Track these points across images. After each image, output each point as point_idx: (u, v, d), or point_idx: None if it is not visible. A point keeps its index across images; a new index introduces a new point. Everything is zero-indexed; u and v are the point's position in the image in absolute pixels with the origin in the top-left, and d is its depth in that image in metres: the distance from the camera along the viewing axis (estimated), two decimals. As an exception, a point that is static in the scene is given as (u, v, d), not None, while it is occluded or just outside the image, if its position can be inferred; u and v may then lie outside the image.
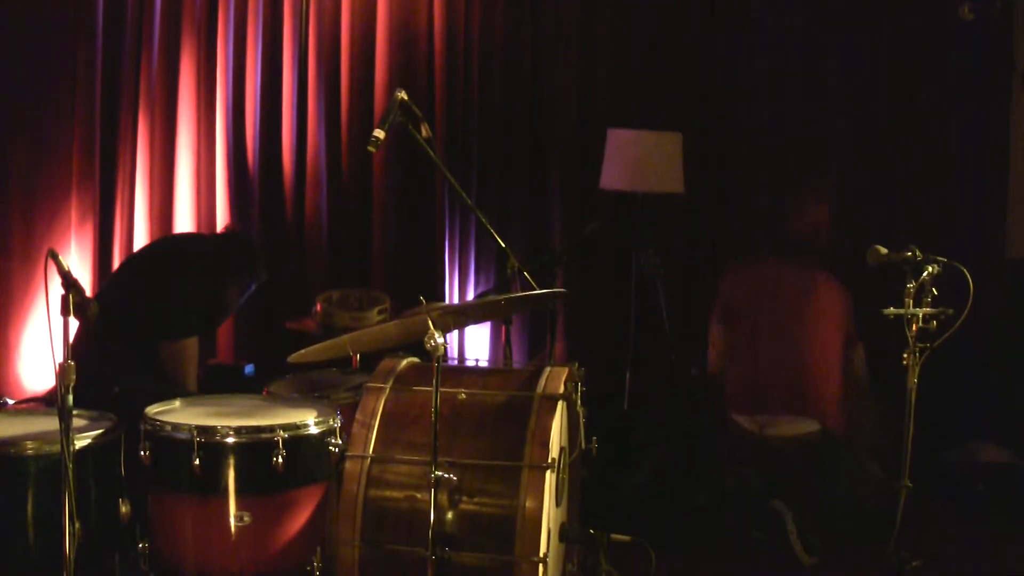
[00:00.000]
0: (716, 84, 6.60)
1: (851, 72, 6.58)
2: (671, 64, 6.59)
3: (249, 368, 6.08)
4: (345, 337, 3.78)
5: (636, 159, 5.94)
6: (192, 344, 4.57)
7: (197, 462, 3.60)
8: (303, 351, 3.73)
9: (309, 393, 4.49)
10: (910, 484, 3.96)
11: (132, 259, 5.44)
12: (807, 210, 5.95)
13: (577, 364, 3.90)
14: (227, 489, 3.66)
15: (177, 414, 3.88)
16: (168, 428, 3.70)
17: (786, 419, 5.43)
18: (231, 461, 3.66)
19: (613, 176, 6.00)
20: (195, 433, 3.63)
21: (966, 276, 3.92)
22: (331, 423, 3.84)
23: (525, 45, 6.63)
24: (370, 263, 6.62)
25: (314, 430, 3.79)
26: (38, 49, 6.09)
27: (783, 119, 6.66)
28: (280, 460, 3.65)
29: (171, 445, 3.68)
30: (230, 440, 3.67)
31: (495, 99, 6.60)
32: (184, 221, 6.42)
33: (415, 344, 3.55)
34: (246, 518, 3.66)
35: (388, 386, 3.78)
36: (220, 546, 3.67)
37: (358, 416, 3.70)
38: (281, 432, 3.68)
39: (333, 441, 3.80)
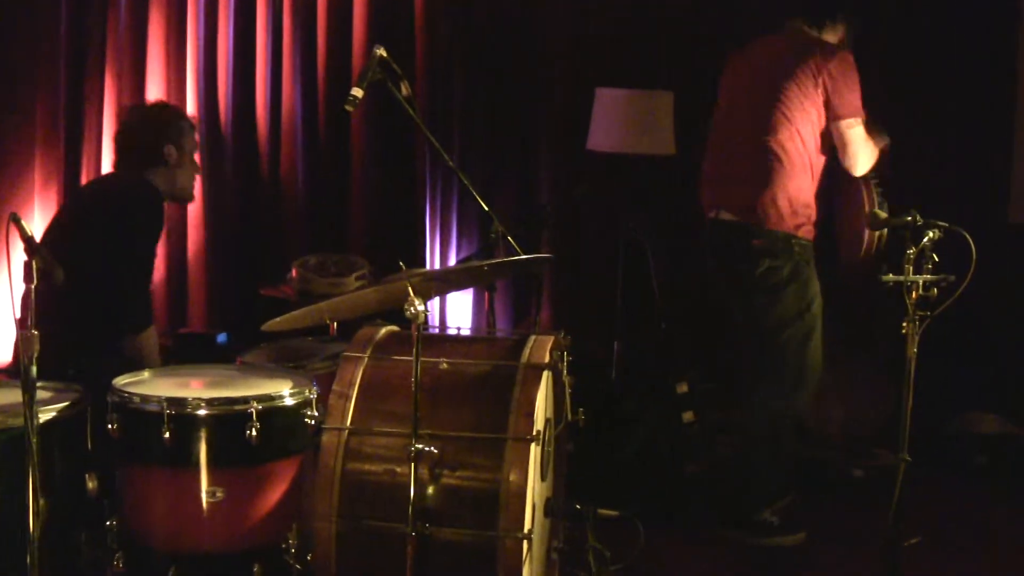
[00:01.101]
0: (709, 40, 6.56)
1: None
2: (663, 19, 6.55)
3: (222, 337, 6.07)
4: (322, 304, 3.75)
5: (625, 119, 5.91)
6: (149, 334, 4.49)
7: (168, 435, 3.58)
8: (278, 319, 3.70)
9: (284, 363, 4.47)
10: (908, 458, 3.96)
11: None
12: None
13: (563, 332, 3.88)
14: (199, 463, 3.64)
15: (146, 385, 3.85)
16: (137, 400, 3.67)
17: None
18: (203, 434, 3.64)
19: (601, 137, 5.97)
20: (165, 405, 3.60)
21: (968, 241, 3.90)
22: (307, 394, 3.82)
23: (519, 10, 6.59)
24: (348, 227, 6.61)
25: (289, 401, 3.76)
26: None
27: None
28: (254, 433, 3.62)
29: (140, 418, 3.65)
30: (202, 412, 3.64)
31: (480, 57, 6.56)
32: (154, 184, 6.36)
33: (395, 311, 3.52)
34: (219, 493, 3.64)
35: (367, 355, 3.75)
36: (192, 522, 3.65)
37: (335, 387, 3.67)
38: (255, 404, 3.65)
39: (309, 413, 3.77)
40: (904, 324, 3.97)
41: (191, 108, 6.43)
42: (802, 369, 4.76)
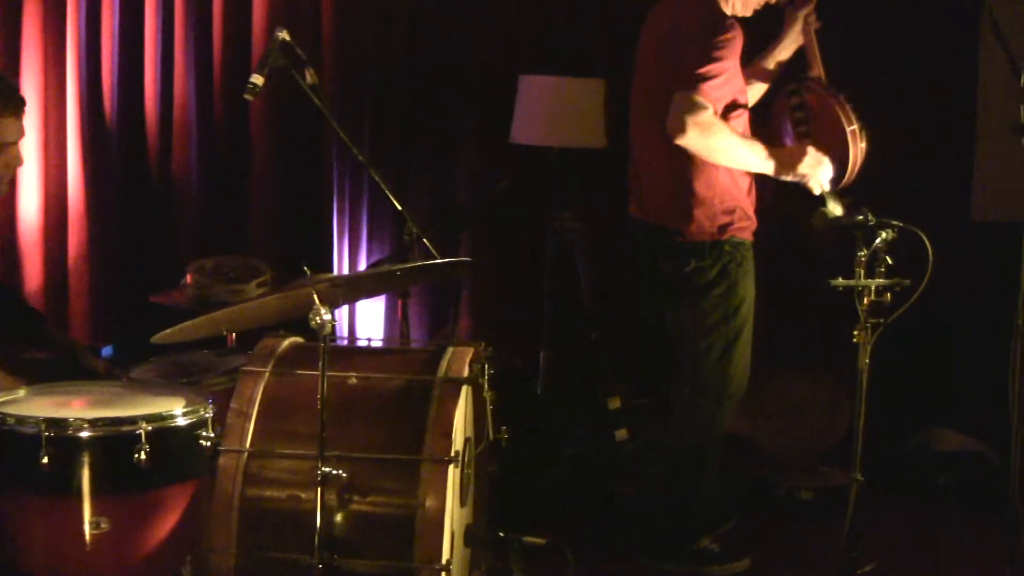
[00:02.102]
0: (644, 21, 6.59)
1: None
2: (593, 2, 6.58)
3: (107, 350, 6.01)
4: (219, 313, 3.74)
5: (552, 109, 5.93)
6: None
7: (46, 460, 3.53)
8: (170, 330, 3.67)
9: (177, 378, 4.44)
10: (861, 478, 4.01)
11: None
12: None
13: (484, 343, 3.89)
14: (81, 490, 3.60)
15: (22, 404, 3.80)
16: (11, 421, 3.62)
17: None
18: (86, 458, 3.60)
19: (526, 128, 5.99)
20: (43, 427, 3.56)
21: (924, 241, 3.97)
22: (202, 413, 3.79)
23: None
24: (248, 228, 6.58)
25: (182, 421, 3.74)
26: None
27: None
28: (143, 456, 3.59)
29: (15, 440, 3.60)
30: (84, 434, 3.60)
31: (393, 41, 6.55)
32: (30, 183, 6.32)
33: (299, 321, 3.52)
34: (103, 524, 3.60)
35: (268, 370, 3.74)
36: (74, 555, 3.61)
37: (233, 404, 3.66)
38: (144, 424, 3.62)
39: (204, 433, 3.75)
40: (856, 332, 4.03)
41: (71, 100, 6.38)
42: (725, 379, 4.76)
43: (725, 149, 4.52)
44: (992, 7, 4.44)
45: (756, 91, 4.99)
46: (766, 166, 4.61)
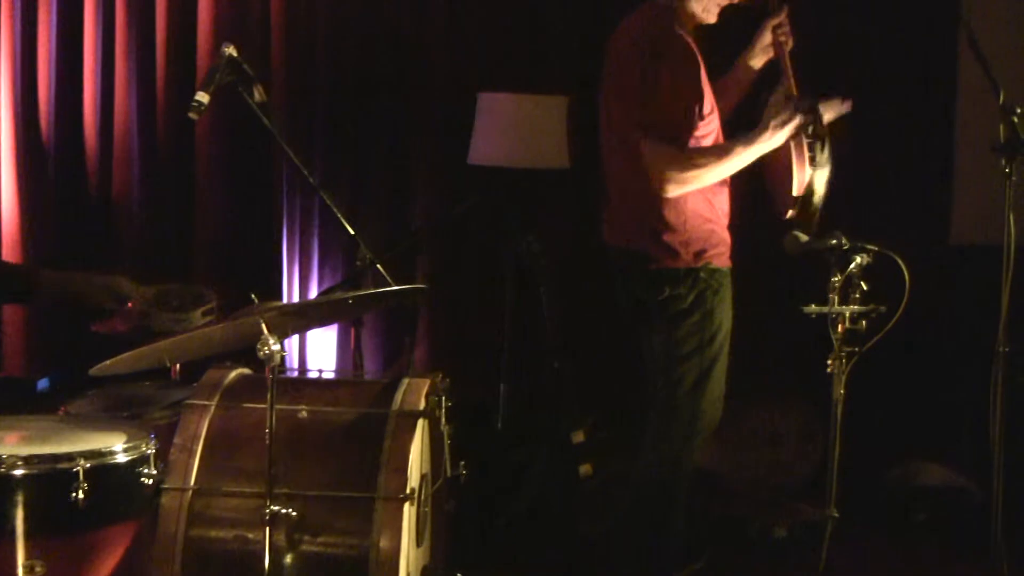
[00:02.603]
0: (609, 35, 6.59)
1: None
2: (555, 14, 6.59)
3: (43, 382, 5.96)
4: (162, 343, 3.71)
5: (512, 128, 5.94)
6: None
7: (-23, 499, 3.51)
8: (110, 361, 3.65)
9: (117, 412, 4.41)
10: (836, 514, 4.02)
11: None
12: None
13: (441, 374, 3.89)
14: (15, 531, 3.57)
15: (-48, 440, 3.78)
16: (-60, 457, 3.60)
17: None
18: (19, 497, 3.56)
19: (485, 148, 5.99)
20: (-26, 463, 3.54)
21: (900, 266, 3.99)
22: (144, 449, 3.77)
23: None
24: (193, 253, 6.55)
25: (123, 458, 3.71)
26: None
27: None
28: (81, 495, 3.56)
29: (-56, 478, 3.57)
30: (18, 472, 3.57)
31: (346, 56, 6.56)
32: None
33: (247, 351, 3.50)
34: (38, 567, 3.57)
35: (214, 403, 3.73)
36: (7, 601, 3.58)
37: (177, 440, 3.64)
38: (82, 461, 3.59)
39: (146, 471, 3.72)
40: (830, 361, 4.04)
41: (4, 119, 6.34)
42: (696, 412, 4.75)
43: (711, 176, 4.50)
44: (970, 23, 4.47)
45: (731, 96, 4.99)
46: (753, 154, 4.59)
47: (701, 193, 4.60)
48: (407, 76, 6.59)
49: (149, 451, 3.76)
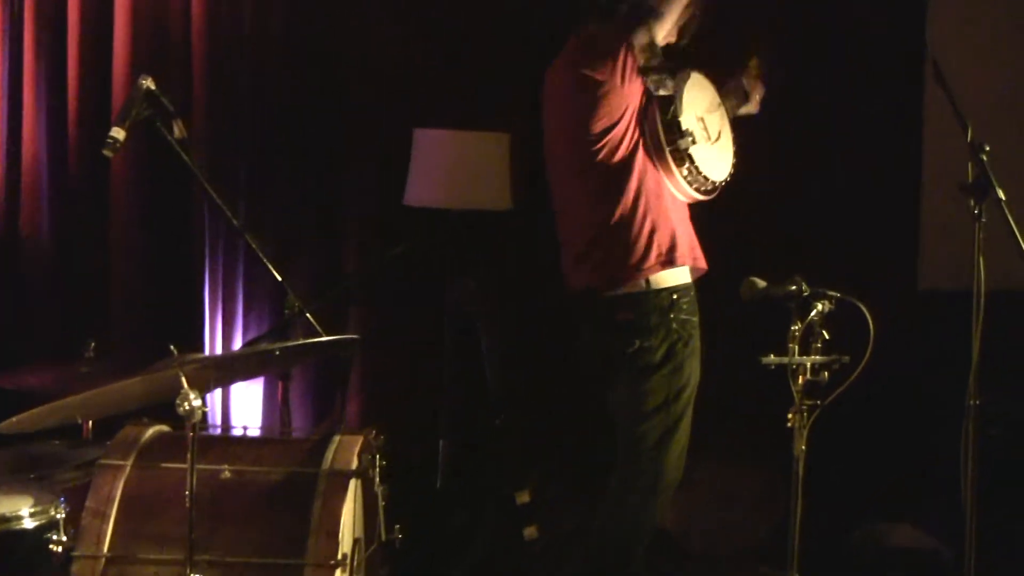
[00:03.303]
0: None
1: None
2: (498, 46, 6.61)
3: (-57, 440, 5.92)
4: (73, 398, 3.69)
5: (450, 167, 5.94)
6: None
7: None
8: (15, 418, 3.63)
9: (23, 473, 4.38)
10: (799, 576, 4.03)
11: None
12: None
13: (375, 430, 3.88)
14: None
15: None
16: None
17: None
18: (-83, 566, 3.55)
19: (421, 188, 5.99)
20: None
21: (864, 313, 4.01)
22: (52, 513, 3.75)
23: (315, 22, 6.59)
24: (108, 300, 6.51)
25: (29, 523, 3.69)
26: None
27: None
28: (-16, 563, 3.54)
29: None
30: (-84, 538, 3.55)
31: (273, 89, 6.56)
32: None
33: (165, 407, 3.49)
34: (-62, 641, 3.54)
35: (129, 463, 3.70)
36: None
37: (89, 503, 3.61)
38: (-15, 526, 3.58)
39: (55, 537, 3.70)
40: (790, 415, 4.06)
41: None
42: (659, 469, 4.76)
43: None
44: (935, 59, 4.52)
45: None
46: None
47: (655, 194, 4.65)
48: (339, 111, 6.60)
49: (58, 516, 3.74)
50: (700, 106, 4.76)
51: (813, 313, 4.01)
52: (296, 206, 6.58)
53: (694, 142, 4.60)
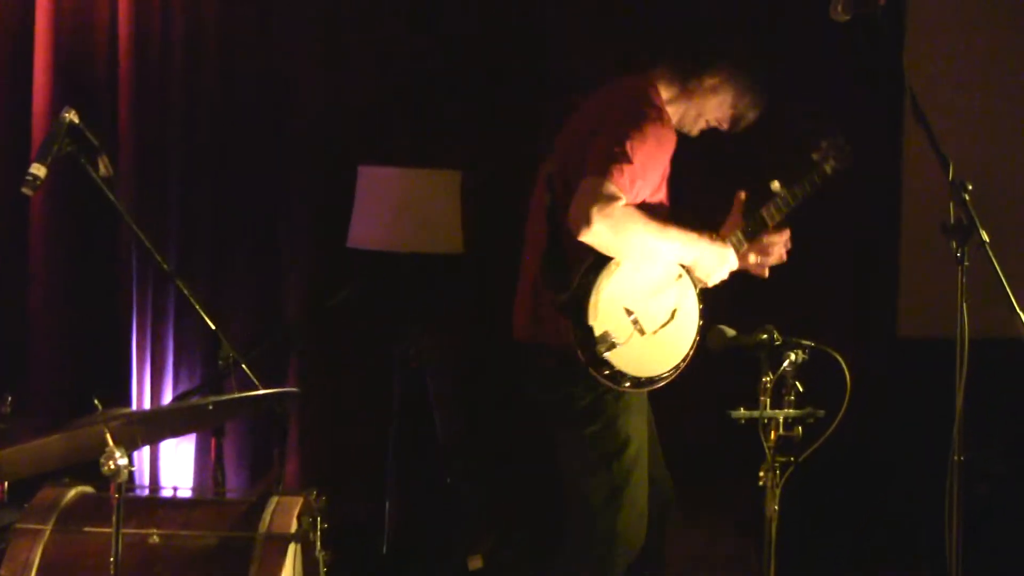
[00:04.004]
0: (511, 107, 6.63)
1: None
2: (448, 78, 6.62)
3: None
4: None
5: (397, 206, 5.93)
6: None
7: None
8: (-76, 479, 3.61)
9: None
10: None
11: None
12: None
13: (316, 491, 3.86)
14: None
15: None
16: None
17: None
18: None
19: (366, 229, 5.98)
20: None
21: (840, 363, 4.02)
22: (-35, 582, 3.72)
23: (250, 50, 6.59)
24: (27, 348, 6.48)
25: (-60, 594, 3.66)
26: None
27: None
28: None
29: None
30: None
31: (208, 125, 6.55)
32: None
33: (88, 466, 3.46)
34: None
35: (48, 527, 3.68)
36: None
37: (4, 570, 3.59)
38: None
39: (-32, 609, 3.68)
40: (761, 473, 4.06)
41: None
42: (612, 533, 4.71)
43: (638, 247, 4.46)
44: (914, 94, 4.53)
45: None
46: (681, 257, 4.60)
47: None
48: (277, 146, 6.59)
49: (-29, 585, 3.71)
50: (634, 293, 4.51)
51: (785, 364, 4.02)
52: (231, 248, 6.57)
53: (613, 346, 4.54)
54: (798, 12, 6.33)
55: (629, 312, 4.43)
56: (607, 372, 4.38)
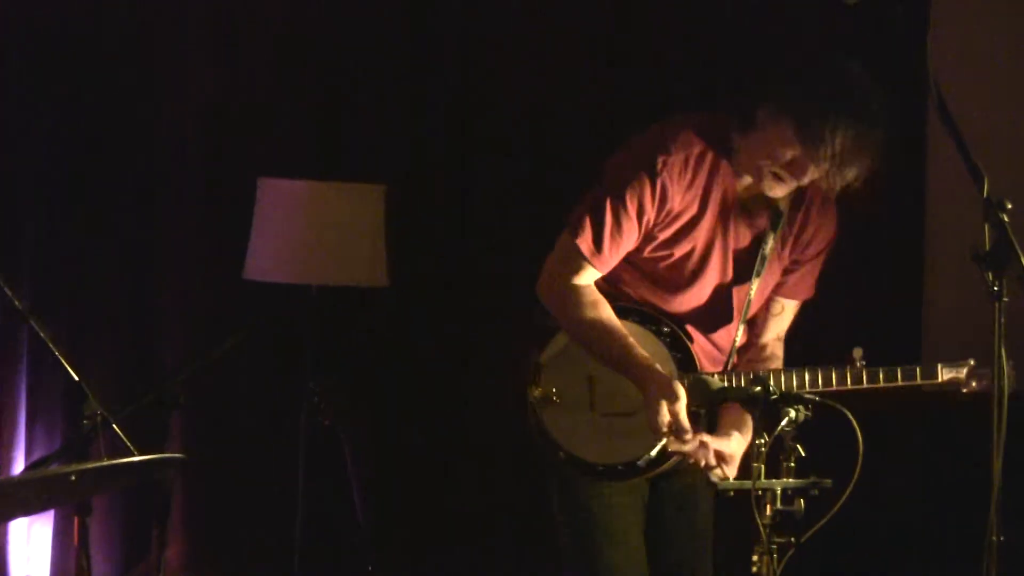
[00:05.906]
0: (448, 105, 6.62)
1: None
2: (365, 80, 6.60)
3: None
4: None
5: (307, 229, 5.90)
6: None
7: None
8: None
9: None
10: None
11: None
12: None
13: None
14: None
15: None
16: None
17: None
18: None
19: (267, 258, 5.95)
20: None
21: (851, 421, 4.01)
22: None
23: (122, 38, 6.57)
24: None
25: None
26: None
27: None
28: None
29: None
30: None
31: (67, 126, 6.52)
32: None
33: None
34: None
35: None
36: None
37: None
38: None
39: None
40: (755, 557, 4.04)
41: None
42: None
43: (577, 330, 4.52)
44: (940, 89, 4.49)
45: None
46: (625, 367, 4.56)
47: None
48: (149, 154, 6.56)
49: None
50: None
51: (784, 422, 3.98)
52: (99, 282, 6.54)
53: (550, 400, 4.54)
54: (799, 9, 6.40)
55: (589, 379, 4.50)
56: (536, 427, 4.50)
